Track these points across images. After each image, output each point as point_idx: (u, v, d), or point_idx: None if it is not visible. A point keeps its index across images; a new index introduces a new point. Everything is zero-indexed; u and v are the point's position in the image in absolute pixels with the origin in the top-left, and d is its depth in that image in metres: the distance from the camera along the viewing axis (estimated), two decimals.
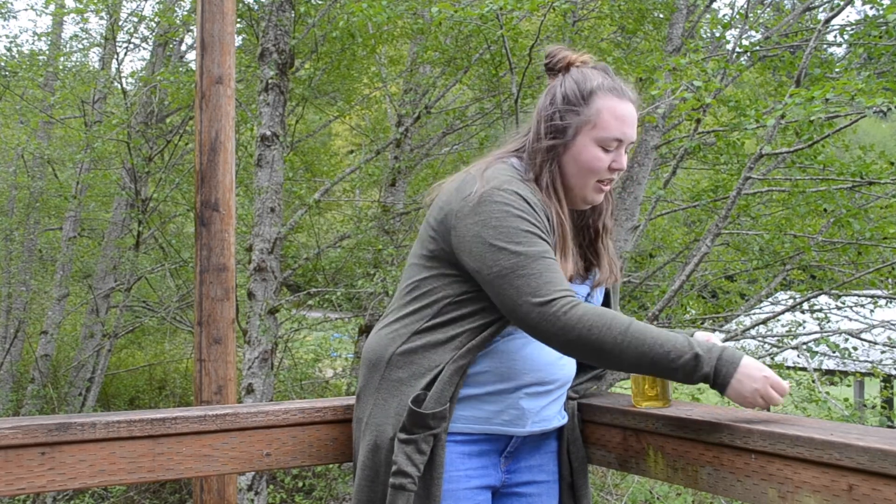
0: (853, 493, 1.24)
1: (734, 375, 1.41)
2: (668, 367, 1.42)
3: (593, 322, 1.42)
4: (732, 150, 5.76)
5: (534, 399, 1.63)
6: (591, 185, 1.62)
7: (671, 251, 7.63)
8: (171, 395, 10.57)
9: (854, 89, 3.56)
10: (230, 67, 3.08)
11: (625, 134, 1.59)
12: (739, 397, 1.42)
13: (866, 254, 5.64)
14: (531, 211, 1.51)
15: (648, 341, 1.42)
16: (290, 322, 7.50)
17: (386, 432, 1.56)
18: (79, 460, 1.51)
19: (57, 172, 9.68)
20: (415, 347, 1.58)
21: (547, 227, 1.53)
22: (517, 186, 1.54)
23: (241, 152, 7.28)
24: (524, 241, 1.48)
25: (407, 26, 6.57)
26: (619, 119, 1.59)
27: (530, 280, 1.45)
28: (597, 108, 1.59)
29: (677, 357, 1.40)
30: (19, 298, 9.93)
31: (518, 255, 1.47)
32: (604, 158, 1.59)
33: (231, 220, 3.02)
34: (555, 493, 1.73)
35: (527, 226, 1.50)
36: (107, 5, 7.44)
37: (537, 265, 1.47)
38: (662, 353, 1.41)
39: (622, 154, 1.61)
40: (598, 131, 1.58)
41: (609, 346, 1.42)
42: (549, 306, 1.43)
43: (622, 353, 1.42)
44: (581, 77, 1.63)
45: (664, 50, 6.23)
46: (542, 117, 1.63)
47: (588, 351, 1.44)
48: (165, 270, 8.62)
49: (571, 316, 1.43)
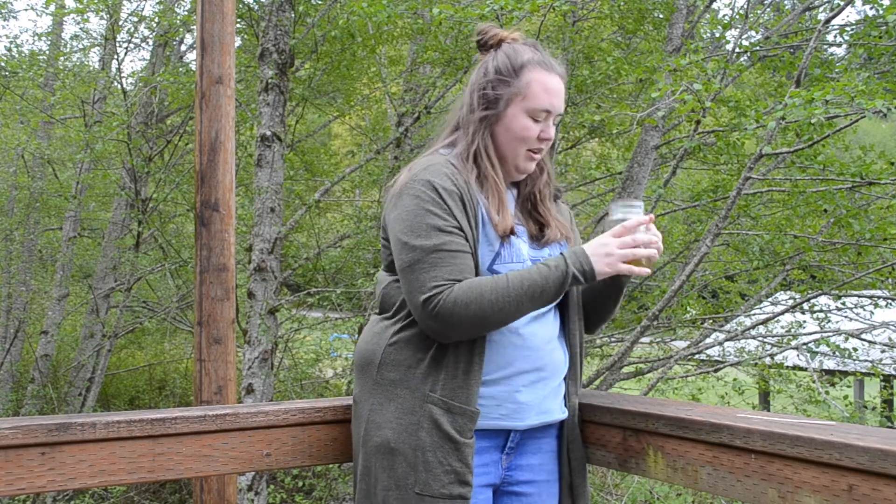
0: (853, 493, 1.24)
1: (591, 261, 1.56)
2: (548, 293, 1.54)
3: (467, 299, 1.50)
4: (732, 151, 5.76)
5: (531, 390, 1.64)
6: (523, 154, 1.70)
7: (671, 251, 7.63)
8: (171, 395, 10.57)
9: (854, 90, 3.56)
10: (230, 67, 3.08)
11: (553, 105, 1.68)
12: (612, 269, 1.56)
13: (866, 254, 5.64)
14: (440, 202, 1.57)
15: (524, 291, 1.52)
16: (290, 322, 7.50)
17: (386, 436, 1.56)
18: (79, 460, 1.51)
19: (57, 172, 9.67)
20: (401, 347, 1.60)
21: (461, 211, 1.59)
22: (434, 175, 1.60)
23: (241, 152, 7.28)
24: (423, 235, 1.55)
25: (407, 26, 6.57)
26: (548, 91, 1.68)
27: (419, 276, 1.54)
28: (527, 81, 1.67)
29: (552, 279, 1.54)
30: (19, 298, 9.93)
31: (415, 249, 1.55)
32: (533, 128, 1.67)
33: (231, 220, 3.02)
34: (554, 492, 1.73)
35: (431, 218, 1.56)
36: (107, 5, 7.43)
37: (428, 260, 1.53)
38: (537, 290, 1.53)
39: (550, 125, 1.70)
40: (528, 102, 1.67)
41: (490, 309, 1.51)
42: (426, 304, 1.51)
43: (505, 308, 1.51)
44: (512, 52, 1.71)
45: (664, 50, 6.23)
46: (475, 89, 1.71)
47: (477, 324, 1.52)
48: (165, 270, 8.61)
49: (444, 305, 1.50)
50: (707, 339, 6.24)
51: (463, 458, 1.53)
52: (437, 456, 1.52)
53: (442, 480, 1.52)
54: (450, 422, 1.54)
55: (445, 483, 1.52)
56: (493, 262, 1.61)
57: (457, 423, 1.54)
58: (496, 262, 1.61)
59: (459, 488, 1.52)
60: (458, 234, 1.57)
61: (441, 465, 1.52)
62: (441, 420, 1.53)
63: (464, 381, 1.56)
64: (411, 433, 1.54)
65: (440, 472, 1.52)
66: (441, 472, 1.52)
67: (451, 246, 1.55)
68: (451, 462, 1.52)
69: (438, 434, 1.53)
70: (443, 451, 1.53)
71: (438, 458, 1.52)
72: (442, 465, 1.52)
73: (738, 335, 5.81)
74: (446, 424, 1.53)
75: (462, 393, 1.55)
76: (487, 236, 1.63)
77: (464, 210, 1.60)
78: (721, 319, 6.66)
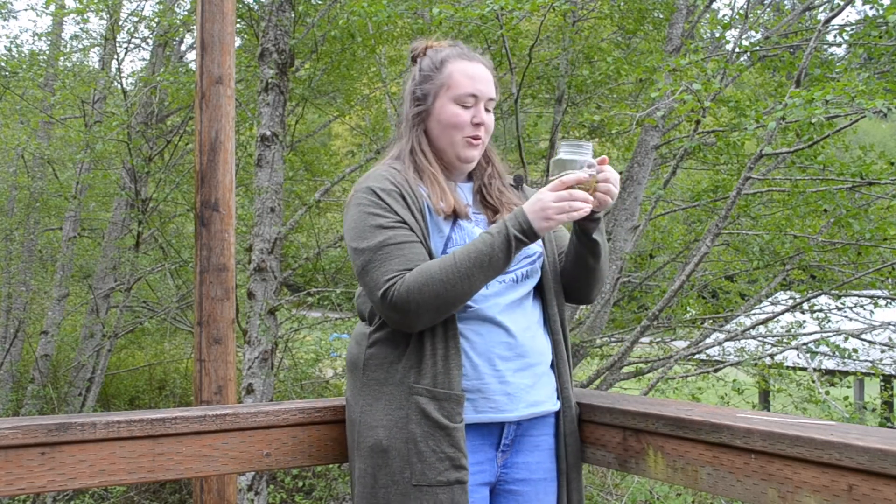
0: (853, 493, 1.24)
1: (529, 218, 1.56)
2: (496, 259, 1.56)
3: (419, 283, 1.53)
4: (732, 151, 5.76)
5: (516, 376, 1.64)
6: (460, 142, 1.74)
7: (671, 251, 7.63)
8: (171, 395, 10.56)
9: (854, 90, 3.56)
10: (230, 67, 3.08)
11: (478, 90, 1.74)
12: (554, 222, 1.56)
13: (866, 254, 5.64)
14: (380, 202, 1.63)
15: (472, 262, 1.55)
16: (290, 322, 7.50)
17: (378, 435, 1.58)
18: (79, 460, 1.51)
19: (57, 172, 9.67)
20: (380, 347, 1.64)
21: (403, 206, 1.64)
22: (373, 181, 1.67)
23: (241, 152, 7.27)
24: (369, 237, 1.61)
25: (407, 26, 6.57)
26: (471, 77, 1.74)
27: (373, 274, 1.59)
28: (449, 72, 1.75)
29: (497, 245, 1.56)
30: (19, 298, 9.92)
31: (364, 251, 1.61)
32: (462, 114, 1.73)
33: (231, 220, 3.02)
34: (552, 490, 1.73)
35: (373, 220, 1.62)
36: (107, 5, 7.43)
37: (377, 257, 1.59)
38: (485, 259, 1.55)
39: (481, 110, 1.74)
40: (453, 90, 1.73)
41: (443, 288, 1.53)
42: (384, 298, 1.56)
43: (458, 283, 1.54)
44: (434, 52, 1.80)
45: (664, 50, 6.23)
46: (407, 95, 1.80)
47: (436, 305, 1.54)
48: (165, 270, 8.60)
49: (399, 294, 1.54)
50: (707, 339, 6.24)
51: (455, 442, 1.55)
52: (430, 445, 1.54)
53: (438, 468, 1.53)
54: (437, 409, 1.55)
55: (441, 470, 1.53)
56: (446, 247, 1.65)
57: (444, 408, 1.55)
58: (448, 247, 1.65)
59: (456, 473, 1.54)
60: (402, 228, 1.61)
61: (434, 454, 1.53)
62: (428, 408, 1.55)
63: (444, 366, 1.58)
64: (401, 427, 1.56)
65: (434, 460, 1.53)
66: (435, 460, 1.53)
67: (396, 239, 1.60)
68: (443, 449, 1.54)
69: (427, 423, 1.54)
70: (434, 439, 1.54)
71: (431, 447, 1.54)
72: (435, 454, 1.53)
73: (738, 335, 5.80)
74: (434, 412, 1.55)
75: (444, 379, 1.57)
76: (437, 224, 1.67)
77: (405, 205, 1.65)
78: (721, 319, 6.66)
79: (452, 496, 1.52)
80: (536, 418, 1.70)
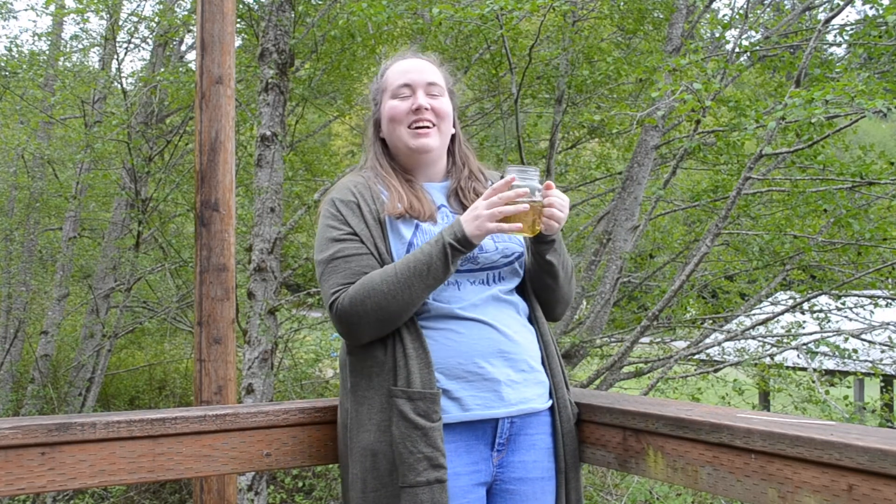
0: (853, 493, 1.24)
1: (463, 226, 1.59)
2: (434, 268, 1.58)
3: (361, 296, 1.59)
4: (732, 151, 5.76)
5: (501, 370, 1.65)
6: (405, 133, 1.78)
7: (671, 251, 7.63)
8: (171, 395, 10.57)
9: (854, 90, 3.56)
10: (230, 67, 3.08)
11: (411, 79, 1.79)
12: (484, 230, 1.58)
13: (866, 254, 5.64)
14: (336, 214, 1.70)
15: (411, 272, 1.58)
16: (290, 322, 7.50)
17: (366, 440, 1.60)
18: (79, 460, 1.51)
19: (57, 172, 9.66)
20: (361, 354, 1.66)
21: (356, 216, 1.69)
22: (337, 192, 1.75)
23: (241, 152, 7.27)
24: (323, 249, 1.68)
25: (407, 26, 6.57)
26: (402, 71, 1.82)
27: (324, 287, 1.66)
28: (386, 75, 1.85)
29: (434, 254, 1.58)
30: (19, 298, 9.92)
31: (320, 264, 1.68)
32: (399, 105, 1.78)
33: (231, 220, 3.02)
34: (550, 489, 1.72)
35: (328, 232, 1.69)
36: (107, 5, 7.43)
37: (327, 271, 1.66)
38: (424, 268, 1.58)
39: (420, 96, 1.78)
40: (390, 89, 1.81)
41: (384, 299, 1.57)
42: (332, 311, 1.62)
43: (398, 293, 1.57)
44: (381, 67, 1.91)
45: (664, 50, 6.23)
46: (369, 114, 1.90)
47: (379, 316, 1.58)
48: (165, 270, 8.60)
49: (342, 307, 1.60)
50: (707, 339, 6.24)
51: (432, 441, 1.55)
52: (408, 446, 1.54)
53: (417, 469, 1.54)
54: (413, 409, 1.56)
55: (420, 471, 1.54)
56: (407, 252, 1.67)
57: (419, 408, 1.56)
58: (410, 252, 1.67)
59: (435, 472, 1.54)
60: (350, 240, 1.67)
61: (412, 455, 1.54)
62: (405, 409, 1.56)
63: (417, 366, 1.59)
64: (384, 430, 1.58)
65: (413, 461, 1.54)
66: (414, 462, 1.54)
67: (344, 252, 1.66)
68: (421, 449, 1.54)
69: (405, 424, 1.55)
70: (411, 440, 1.55)
71: (409, 449, 1.54)
72: (413, 455, 1.54)
73: (738, 335, 5.81)
74: (410, 413, 1.56)
75: (417, 378, 1.58)
76: (397, 231, 1.69)
77: (360, 215, 1.70)
78: (721, 319, 6.66)
79: (432, 495, 1.53)
80: (530, 416, 1.70)
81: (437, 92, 1.80)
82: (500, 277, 1.73)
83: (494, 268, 1.72)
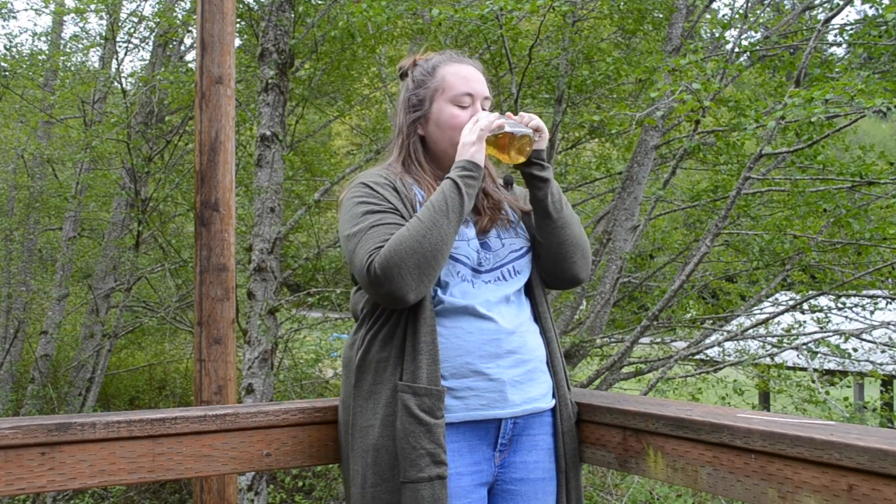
0: (853, 493, 1.24)
1: (458, 158, 1.65)
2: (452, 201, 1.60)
3: (394, 246, 1.55)
4: (732, 151, 5.76)
5: (507, 371, 1.65)
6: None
7: (671, 252, 7.62)
8: (171, 395, 10.56)
9: (854, 90, 3.56)
10: (230, 67, 3.08)
11: (473, 89, 1.77)
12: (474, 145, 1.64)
13: (866, 254, 5.64)
14: (372, 192, 1.67)
15: (433, 211, 1.58)
16: (290, 322, 7.49)
17: (370, 435, 1.59)
18: (79, 460, 1.51)
19: (57, 172, 9.67)
20: (369, 348, 1.65)
21: (394, 195, 1.67)
22: (365, 177, 1.72)
23: (241, 152, 7.27)
24: (359, 222, 1.63)
25: (407, 26, 6.57)
26: (464, 77, 1.78)
27: (358, 253, 1.60)
28: (442, 75, 1.78)
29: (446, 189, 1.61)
30: (19, 298, 9.92)
31: (355, 235, 1.62)
32: (461, 115, 1.75)
33: (231, 220, 3.02)
34: (551, 490, 1.72)
35: (364, 206, 1.65)
36: (107, 5, 7.43)
37: (365, 237, 1.60)
38: (442, 204, 1.59)
39: (479, 109, 1.77)
40: (449, 92, 1.77)
41: (418, 242, 1.55)
42: (368, 273, 1.56)
43: (427, 233, 1.56)
44: (424, 62, 1.84)
45: (664, 50, 6.23)
46: (402, 105, 1.83)
47: (417, 262, 1.55)
48: (165, 270, 8.60)
49: (380, 262, 1.55)
50: (707, 339, 6.24)
51: (434, 438, 1.55)
52: (411, 441, 1.54)
53: (419, 465, 1.54)
54: (418, 404, 1.56)
55: (422, 466, 1.54)
56: None
57: (424, 404, 1.56)
58: None
59: (436, 469, 1.54)
60: (391, 213, 1.64)
61: (415, 450, 1.54)
62: (410, 404, 1.56)
63: (425, 362, 1.58)
64: (389, 425, 1.58)
65: (415, 456, 1.54)
66: (416, 457, 1.54)
67: (385, 220, 1.62)
68: (423, 444, 1.54)
69: (409, 419, 1.55)
70: (414, 435, 1.54)
71: (412, 444, 1.54)
72: (416, 450, 1.54)
73: (738, 335, 5.81)
74: (415, 408, 1.56)
75: (424, 374, 1.58)
76: None
77: (397, 195, 1.68)
78: (721, 320, 6.66)
79: (433, 491, 1.53)
80: (533, 416, 1.70)
81: (487, 106, 1.81)
82: (513, 273, 1.74)
83: (504, 264, 1.73)
